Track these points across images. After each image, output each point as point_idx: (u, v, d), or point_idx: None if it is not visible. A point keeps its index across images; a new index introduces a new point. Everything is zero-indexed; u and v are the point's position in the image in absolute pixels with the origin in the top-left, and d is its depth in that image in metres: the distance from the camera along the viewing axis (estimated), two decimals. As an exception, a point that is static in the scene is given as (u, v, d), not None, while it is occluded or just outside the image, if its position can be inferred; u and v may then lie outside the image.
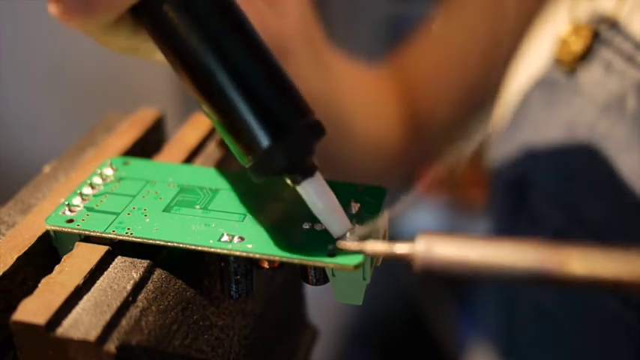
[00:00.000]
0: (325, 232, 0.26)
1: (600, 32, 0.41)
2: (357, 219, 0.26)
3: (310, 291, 0.32)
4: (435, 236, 0.21)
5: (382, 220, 0.27)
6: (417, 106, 0.56)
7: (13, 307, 0.24)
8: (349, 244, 0.24)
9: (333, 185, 0.28)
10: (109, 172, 0.30)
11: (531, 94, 0.45)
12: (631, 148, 0.38)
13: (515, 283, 0.21)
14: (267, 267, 0.26)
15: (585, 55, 0.41)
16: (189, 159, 0.32)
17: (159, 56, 0.27)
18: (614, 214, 0.38)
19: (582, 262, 0.20)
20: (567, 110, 0.42)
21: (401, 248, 0.22)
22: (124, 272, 0.26)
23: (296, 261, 0.25)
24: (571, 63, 0.41)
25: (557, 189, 0.42)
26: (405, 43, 0.58)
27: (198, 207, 0.28)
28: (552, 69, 0.43)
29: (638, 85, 0.38)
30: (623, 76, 0.39)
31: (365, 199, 0.28)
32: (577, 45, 0.41)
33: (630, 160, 0.38)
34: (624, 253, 0.20)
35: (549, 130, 0.43)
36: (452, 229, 1.25)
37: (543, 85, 0.44)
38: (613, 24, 0.40)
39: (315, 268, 0.26)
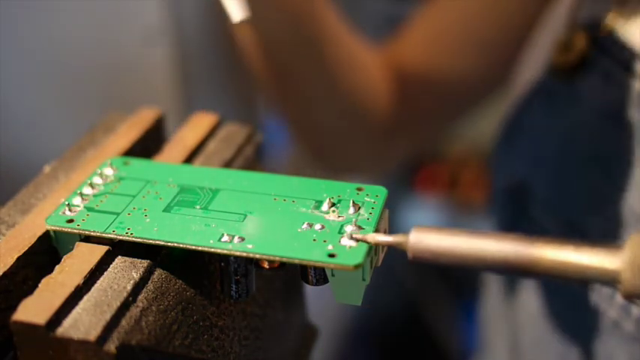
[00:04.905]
0: (325, 232, 0.26)
1: (598, 40, 0.40)
2: (357, 219, 0.26)
3: (310, 291, 0.32)
4: (425, 230, 0.25)
5: (383, 220, 0.27)
6: (408, 88, 0.55)
7: (13, 307, 0.24)
8: (355, 235, 0.26)
9: (333, 185, 0.28)
10: (109, 172, 0.30)
11: (530, 103, 0.45)
12: (630, 159, 0.37)
13: (494, 271, 0.25)
14: (267, 267, 0.26)
15: (583, 64, 0.40)
16: (189, 159, 0.32)
17: None
18: (613, 226, 0.38)
19: (553, 257, 0.23)
20: (566, 119, 0.41)
21: (398, 238, 0.26)
22: (124, 272, 0.26)
23: (296, 261, 0.25)
24: (569, 72, 0.41)
25: (557, 200, 0.41)
26: (401, 29, 0.57)
27: (198, 207, 0.28)
28: (550, 77, 0.43)
29: (636, 94, 0.37)
30: (622, 85, 0.38)
31: (365, 199, 0.28)
32: (574, 53, 0.40)
33: (629, 171, 0.37)
34: (591, 249, 0.23)
35: (548, 139, 0.43)
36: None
37: (542, 93, 0.44)
38: (610, 32, 0.40)
39: (315, 268, 0.26)
